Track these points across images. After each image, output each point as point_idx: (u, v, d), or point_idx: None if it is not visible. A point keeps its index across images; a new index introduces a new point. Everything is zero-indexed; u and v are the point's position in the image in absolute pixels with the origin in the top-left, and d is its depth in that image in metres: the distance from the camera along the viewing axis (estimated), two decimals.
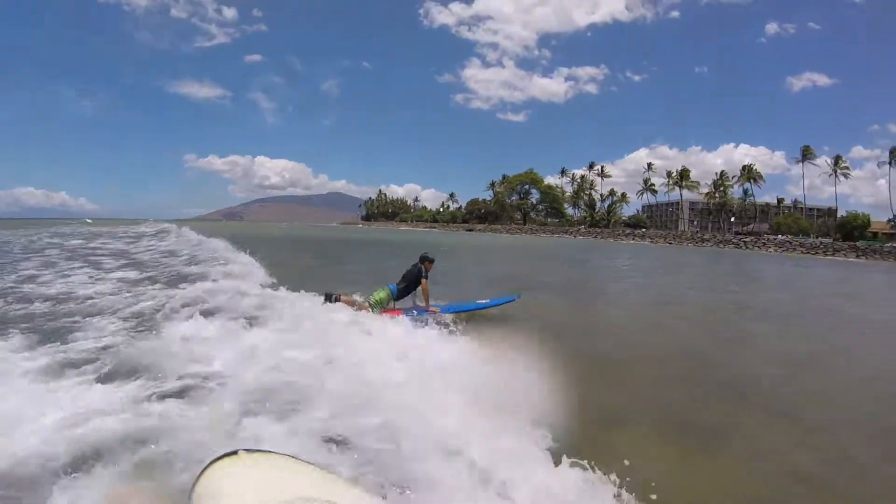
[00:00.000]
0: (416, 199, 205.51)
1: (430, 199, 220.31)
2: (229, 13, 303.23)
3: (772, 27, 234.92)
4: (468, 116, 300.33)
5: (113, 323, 8.62)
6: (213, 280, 13.18)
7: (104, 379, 5.61)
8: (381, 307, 11.14)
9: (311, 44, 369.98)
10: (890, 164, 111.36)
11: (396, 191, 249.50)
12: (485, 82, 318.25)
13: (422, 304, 11.53)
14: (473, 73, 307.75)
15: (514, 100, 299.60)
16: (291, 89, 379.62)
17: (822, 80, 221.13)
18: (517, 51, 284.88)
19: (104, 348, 6.83)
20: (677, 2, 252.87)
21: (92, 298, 10.96)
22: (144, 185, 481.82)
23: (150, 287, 12.84)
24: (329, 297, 10.84)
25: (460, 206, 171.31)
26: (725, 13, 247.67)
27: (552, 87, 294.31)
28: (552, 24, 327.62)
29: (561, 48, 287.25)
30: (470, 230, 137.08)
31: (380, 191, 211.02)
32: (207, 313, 8.95)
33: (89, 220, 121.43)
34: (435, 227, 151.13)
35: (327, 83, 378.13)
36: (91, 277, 14.66)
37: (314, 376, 5.64)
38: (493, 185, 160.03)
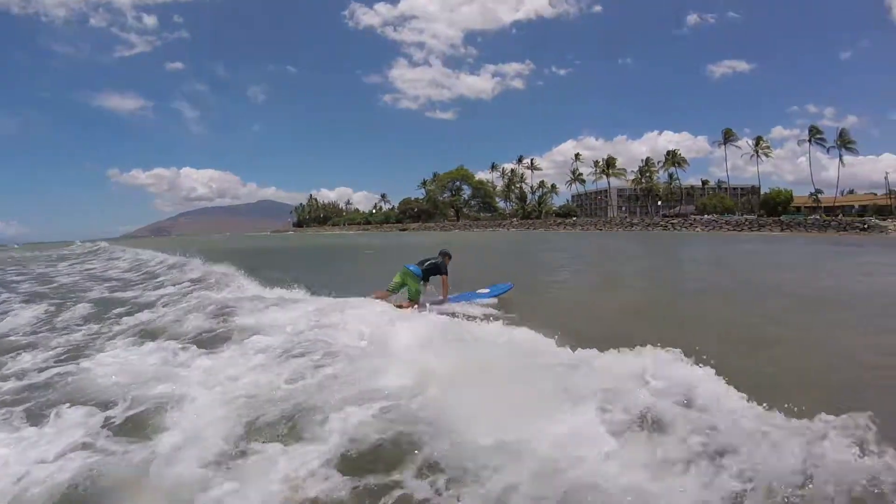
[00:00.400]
0: (347, 203, 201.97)
1: (363, 201, 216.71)
2: (149, 21, 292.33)
3: (692, 18, 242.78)
4: (397, 116, 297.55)
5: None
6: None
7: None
8: (418, 295, 11.39)
9: (235, 49, 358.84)
10: (809, 141, 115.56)
11: (328, 195, 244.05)
12: (412, 82, 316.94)
13: (437, 294, 11.78)
14: (401, 73, 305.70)
15: (443, 98, 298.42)
16: (215, 97, 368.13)
17: (742, 66, 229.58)
18: (443, 49, 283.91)
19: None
20: None
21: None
22: (69, 205, 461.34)
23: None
24: None
25: (393, 207, 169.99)
26: (647, 6, 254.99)
27: (479, 84, 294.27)
28: (477, 22, 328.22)
29: (487, 45, 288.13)
30: (403, 230, 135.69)
31: (311, 196, 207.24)
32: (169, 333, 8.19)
33: (17, 246, 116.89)
34: (368, 229, 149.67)
35: (252, 89, 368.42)
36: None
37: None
38: (424, 183, 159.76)
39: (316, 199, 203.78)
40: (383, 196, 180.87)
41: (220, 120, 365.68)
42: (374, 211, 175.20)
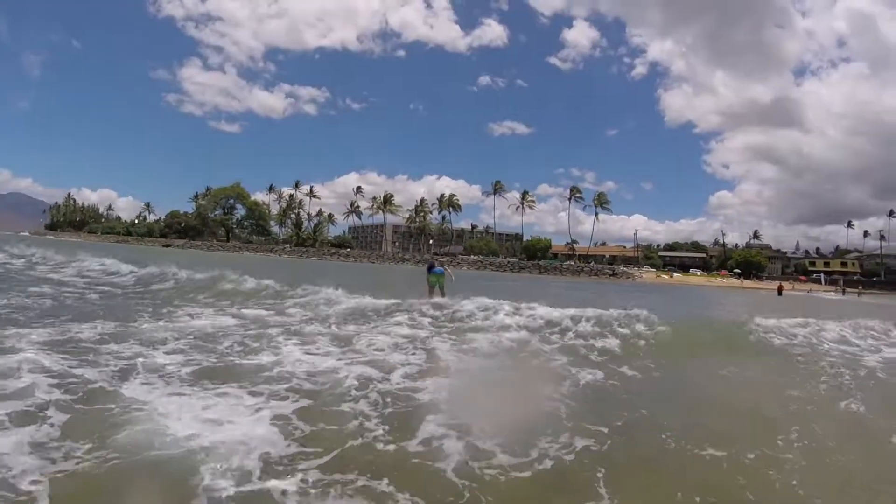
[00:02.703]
0: (109, 208, 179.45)
1: (128, 208, 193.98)
2: None
3: (484, 79, 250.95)
4: (178, 120, 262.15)
5: None
6: None
7: None
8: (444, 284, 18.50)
9: (21, 3, 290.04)
10: (570, 199, 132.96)
11: (89, 196, 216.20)
12: (202, 86, 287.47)
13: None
14: (192, 74, 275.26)
15: (231, 109, 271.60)
16: None
17: (521, 128, 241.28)
18: (242, 59, 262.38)
19: None
20: (406, 43, 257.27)
21: None
22: None
23: None
24: None
25: (159, 219, 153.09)
26: (446, 61, 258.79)
27: (271, 101, 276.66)
28: (282, 40, 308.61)
29: (286, 64, 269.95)
30: (167, 246, 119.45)
31: (69, 195, 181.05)
32: None
33: None
34: (128, 241, 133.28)
35: (30, 57, 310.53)
36: None
37: None
38: (196, 197, 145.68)
39: (74, 200, 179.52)
40: (148, 205, 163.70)
41: None
42: (136, 221, 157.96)
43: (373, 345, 9.71)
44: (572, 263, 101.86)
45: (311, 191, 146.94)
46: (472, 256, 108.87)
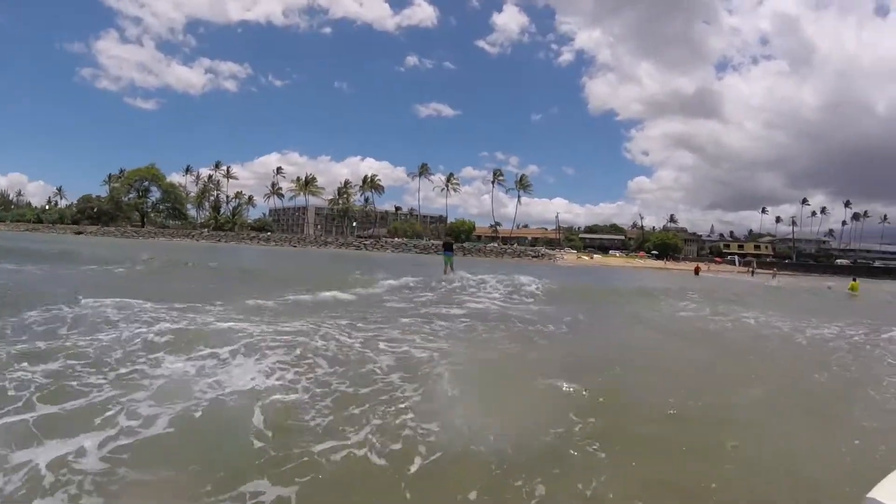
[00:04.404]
0: (19, 194, 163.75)
1: (38, 193, 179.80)
2: None
3: (412, 59, 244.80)
4: (92, 97, 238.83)
5: None
6: None
7: None
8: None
9: None
10: (493, 182, 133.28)
11: None
12: (118, 59, 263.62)
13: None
14: (108, 47, 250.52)
15: (147, 85, 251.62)
16: None
17: (446, 110, 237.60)
18: (161, 31, 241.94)
19: None
20: (333, 20, 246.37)
21: None
22: None
23: None
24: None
25: (71, 204, 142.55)
26: (373, 40, 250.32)
27: (190, 76, 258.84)
28: (204, 11, 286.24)
29: (208, 38, 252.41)
30: (79, 233, 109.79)
31: None
32: None
33: None
34: (39, 229, 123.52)
35: None
36: None
37: None
38: (110, 179, 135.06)
39: None
40: (59, 190, 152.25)
41: None
42: (47, 207, 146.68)
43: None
44: (496, 245, 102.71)
45: (227, 171, 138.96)
46: (395, 239, 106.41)
